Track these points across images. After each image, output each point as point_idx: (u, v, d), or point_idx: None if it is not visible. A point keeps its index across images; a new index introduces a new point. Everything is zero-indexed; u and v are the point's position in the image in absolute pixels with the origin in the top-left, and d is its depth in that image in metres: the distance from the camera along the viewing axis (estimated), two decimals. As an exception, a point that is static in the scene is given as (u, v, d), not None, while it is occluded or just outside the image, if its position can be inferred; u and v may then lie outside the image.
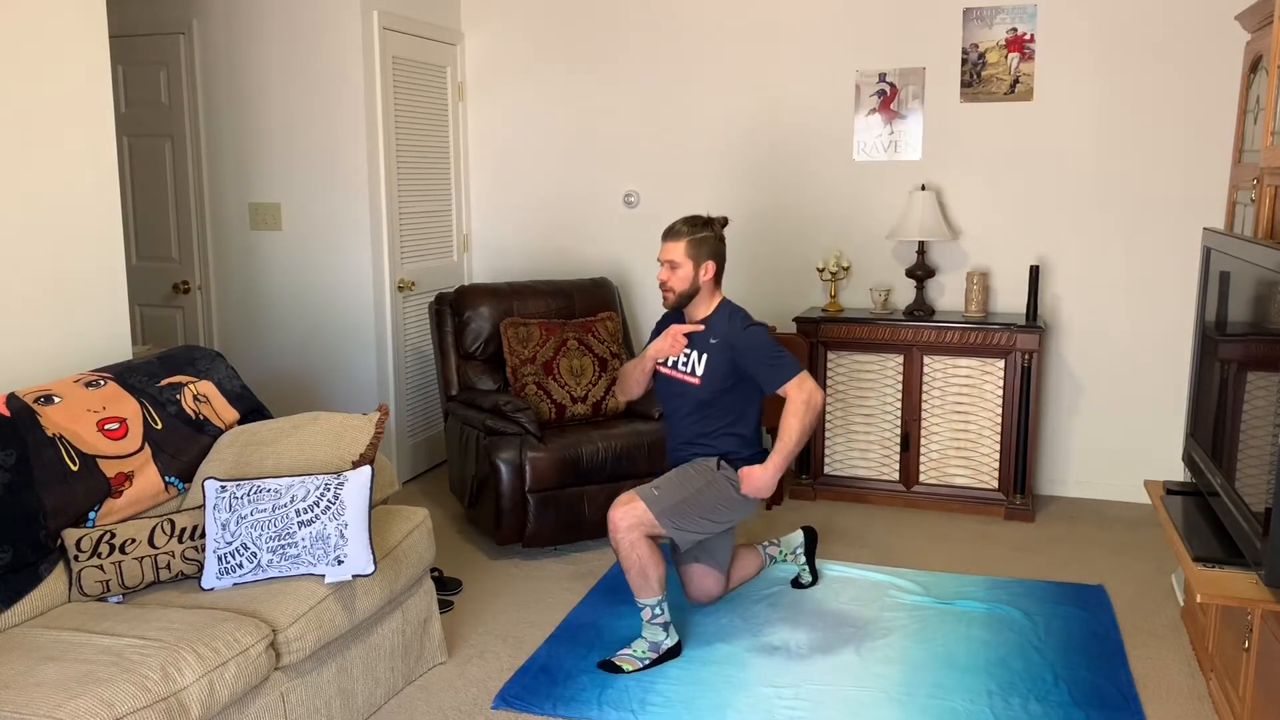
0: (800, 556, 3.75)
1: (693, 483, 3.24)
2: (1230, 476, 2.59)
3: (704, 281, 3.24)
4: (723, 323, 3.26)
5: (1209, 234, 3.04)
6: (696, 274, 3.22)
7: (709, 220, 3.26)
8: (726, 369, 3.23)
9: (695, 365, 3.28)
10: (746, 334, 3.22)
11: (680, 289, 3.24)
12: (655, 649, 3.21)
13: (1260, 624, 2.54)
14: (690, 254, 3.21)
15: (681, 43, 5.07)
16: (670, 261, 3.23)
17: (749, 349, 3.20)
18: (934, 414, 4.61)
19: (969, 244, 4.82)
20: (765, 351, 3.20)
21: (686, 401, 3.32)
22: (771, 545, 3.74)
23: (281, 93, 4.73)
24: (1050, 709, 2.93)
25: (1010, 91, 4.66)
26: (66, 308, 3.25)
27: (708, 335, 3.27)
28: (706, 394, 3.26)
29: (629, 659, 3.19)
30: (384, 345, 4.85)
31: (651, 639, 3.22)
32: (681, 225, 3.23)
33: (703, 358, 3.26)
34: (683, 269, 3.22)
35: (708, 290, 3.27)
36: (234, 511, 2.65)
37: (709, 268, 3.23)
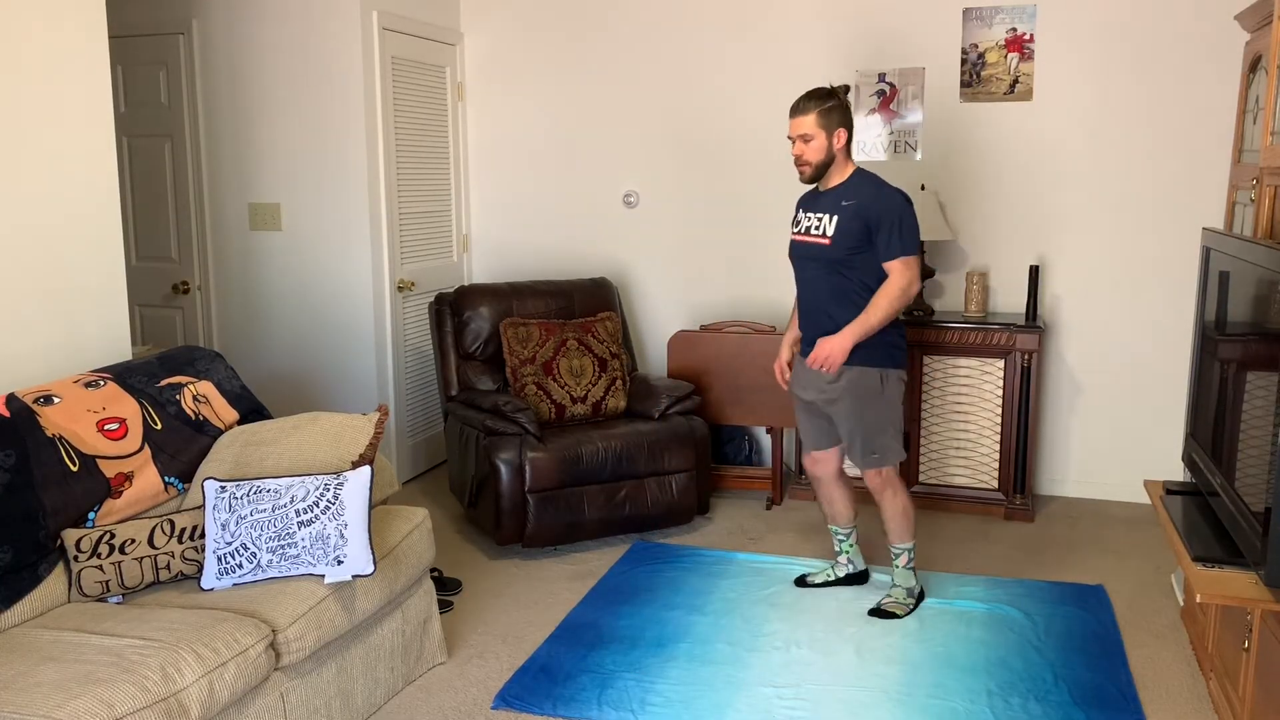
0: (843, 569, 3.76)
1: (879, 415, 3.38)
2: (1230, 476, 2.59)
3: (838, 149, 3.27)
4: (858, 186, 3.29)
5: (1208, 234, 3.04)
6: (830, 143, 3.25)
7: (833, 90, 3.29)
8: (858, 229, 3.25)
9: (826, 227, 3.29)
10: (884, 195, 3.25)
11: (816, 160, 3.28)
12: (912, 594, 3.55)
13: (1260, 624, 2.54)
14: (822, 124, 3.24)
15: (681, 43, 5.07)
16: (802, 135, 3.26)
17: (884, 211, 3.22)
18: (933, 414, 4.61)
19: (968, 244, 4.82)
20: (898, 217, 3.22)
21: (819, 264, 3.34)
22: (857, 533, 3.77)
23: (281, 93, 4.73)
24: (1050, 709, 2.93)
25: (1010, 91, 4.66)
26: (66, 308, 3.25)
27: (840, 197, 3.29)
28: (838, 253, 3.27)
29: (897, 605, 3.52)
30: (384, 345, 4.85)
31: (906, 584, 3.55)
32: (806, 99, 3.27)
33: (834, 219, 3.28)
34: (816, 140, 3.25)
35: (841, 158, 3.31)
36: (234, 512, 2.65)
37: (841, 135, 3.26)
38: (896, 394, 3.40)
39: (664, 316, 5.31)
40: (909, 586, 3.57)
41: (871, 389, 3.35)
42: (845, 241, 3.26)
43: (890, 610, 3.52)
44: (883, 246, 3.24)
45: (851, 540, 3.76)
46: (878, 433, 3.39)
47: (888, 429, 3.40)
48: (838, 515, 3.72)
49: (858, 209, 3.25)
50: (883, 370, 3.35)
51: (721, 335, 4.69)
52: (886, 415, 3.40)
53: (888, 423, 3.40)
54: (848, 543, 3.75)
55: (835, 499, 3.69)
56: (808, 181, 3.36)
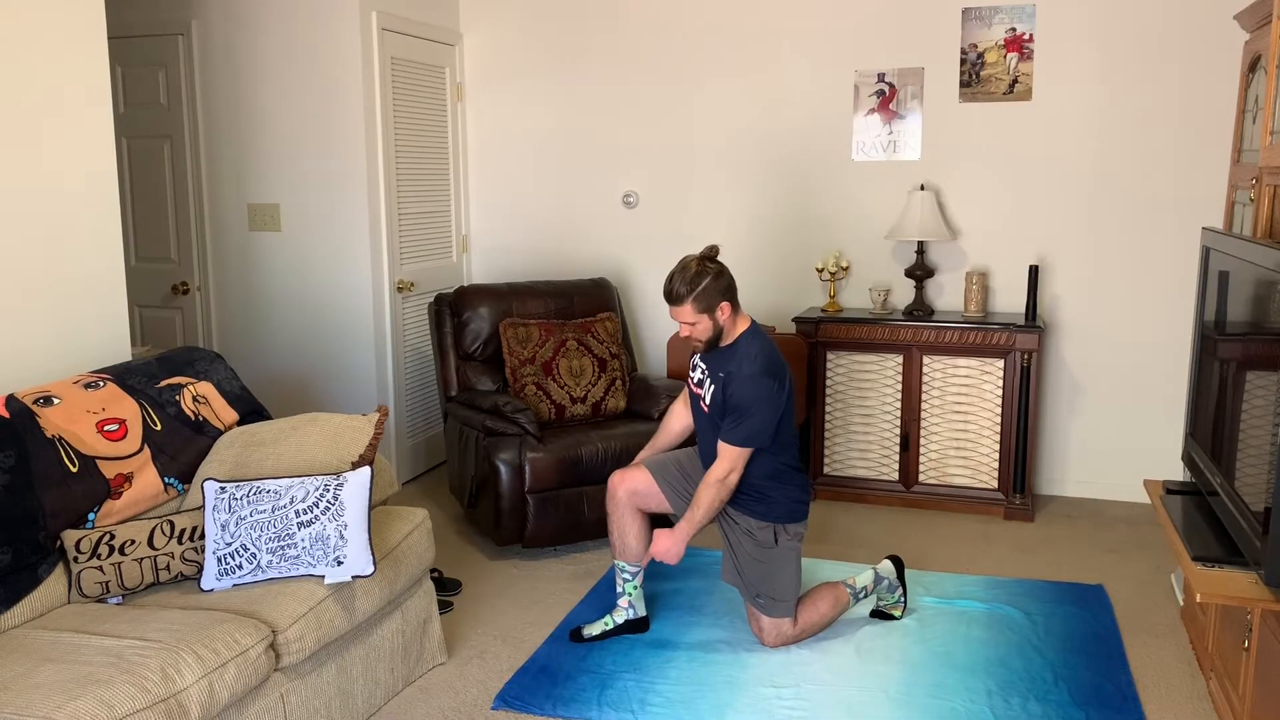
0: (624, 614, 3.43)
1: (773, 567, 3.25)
2: (1230, 476, 2.59)
3: (724, 321, 3.20)
4: (737, 357, 3.21)
5: (1208, 233, 3.04)
6: (715, 319, 3.19)
7: (701, 265, 3.15)
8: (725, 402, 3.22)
9: (707, 392, 3.28)
10: (746, 381, 3.16)
11: (706, 337, 3.21)
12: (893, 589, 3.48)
13: (1260, 623, 2.54)
14: (701, 309, 3.15)
15: (680, 43, 5.07)
16: (686, 323, 3.20)
17: (739, 392, 3.16)
18: (933, 414, 4.61)
19: (968, 244, 4.82)
20: (744, 404, 3.14)
21: (706, 423, 3.32)
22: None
23: (280, 94, 4.73)
24: (1050, 708, 2.93)
25: (1009, 91, 4.66)
26: (65, 309, 3.25)
27: (723, 363, 3.24)
28: (716, 419, 3.25)
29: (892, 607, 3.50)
30: (383, 346, 4.85)
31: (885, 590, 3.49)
32: (680, 287, 3.13)
33: (712, 387, 3.26)
34: (700, 324, 3.18)
35: (729, 324, 3.23)
36: (233, 512, 2.65)
37: (724, 309, 3.17)
38: (793, 549, 3.27)
39: (663, 317, 5.31)
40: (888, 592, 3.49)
41: (765, 543, 3.26)
42: (719, 411, 3.22)
43: (888, 612, 3.51)
44: (725, 426, 3.17)
45: (637, 582, 3.41)
46: (765, 584, 3.26)
47: (782, 583, 3.26)
48: (628, 549, 3.36)
49: (726, 382, 3.19)
50: (777, 526, 3.25)
51: (721, 335, 4.69)
52: (782, 569, 3.26)
53: (783, 576, 3.26)
54: (632, 584, 3.40)
55: (628, 530, 3.35)
56: (707, 352, 3.28)
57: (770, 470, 3.25)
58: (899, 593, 3.51)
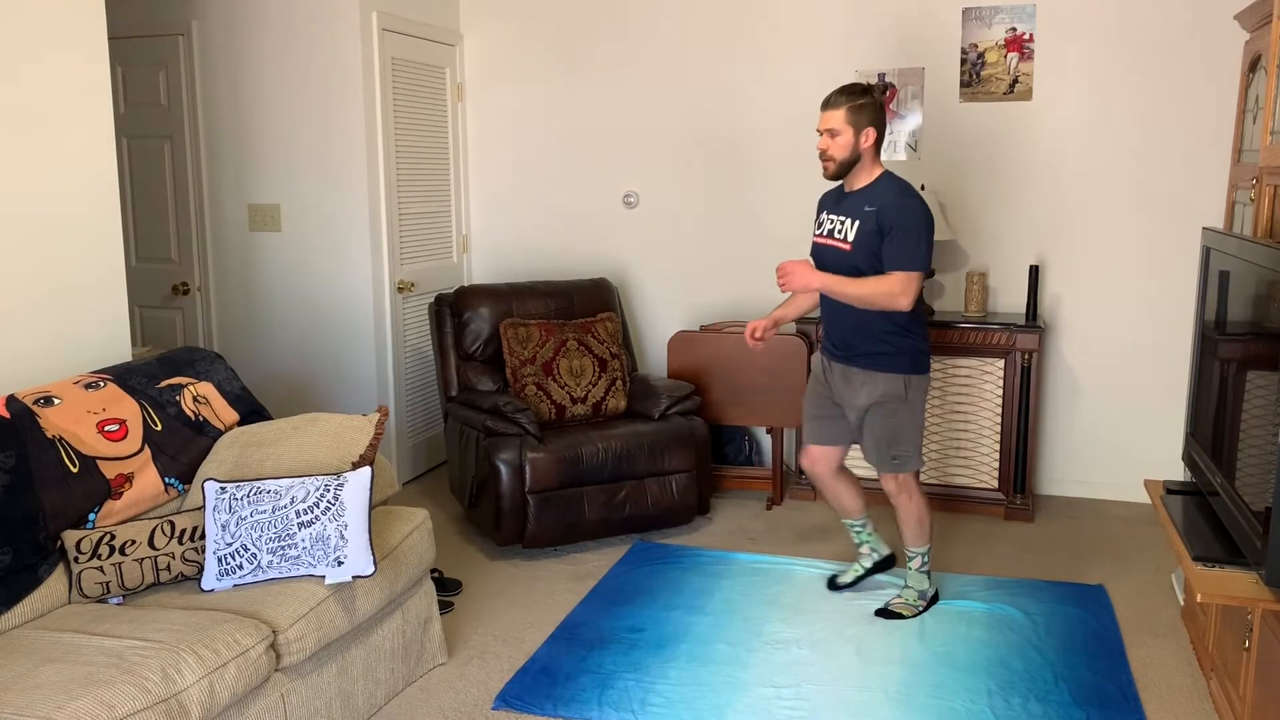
0: (869, 559, 3.74)
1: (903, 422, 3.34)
2: (1230, 476, 2.59)
3: (864, 149, 3.20)
4: (883, 191, 3.21)
5: (1208, 233, 3.04)
6: (857, 141, 3.18)
7: (868, 87, 3.22)
8: (877, 236, 3.19)
9: (848, 231, 3.24)
10: (901, 205, 3.16)
11: (841, 156, 3.20)
12: (924, 597, 3.51)
13: (1260, 623, 2.54)
14: (850, 120, 3.16)
15: (680, 43, 5.07)
16: (830, 130, 3.19)
17: (897, 220, 3.15)
18: (934, 414, 4.61)
19: (968, 244, 4.82)
20: (909, 230, 3.14)
21: (841, 268, 3.27)
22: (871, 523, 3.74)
23: (281, 94, 4.73)
24: (1050, 709, 2.93)
25: (1009, 91, 4.66)
26: (66, 309, 3.25)
27: (863, 201, 3.22)
28: (859, 259, 3.22)
29: (906, 607, 3.50)
30: (383, 346, 4.85)
31: (919, 586, 3.51)
32: (838, 94, 3.19)
33: (855, 224, 3.22)
34: (843, 136, 3.18)
35: (868, 158, 3.23)
36: (234, 513, 2.65)
37: (869, 134, 3.19)
38: (920, 400, 3.36)
39: (664, 317, 5.31)
40: (921, 589, 3.55)
41: (896, 395, 3.32)
42: (866, 247, 3.20)
43: (898, 610, 3.51)
44: (888, 254, 3.16)
45: (869, 530, 3.72)
46: (900, 439, 3.36)
47: (910, 435, 3.37)
48: (848, 509, 3.67)
49: (879, 214, 3.18)
50: (907, 377, 3.31)
51: (721, 336, 4.69)
52: (910, 422, 3.36)
53: (911, 429, 3.37)
54: (865, 532, 3.72)
55: (841, 494, 3.64)
56: (830, 178, 3.29)
57: (901, 318, 3.26)
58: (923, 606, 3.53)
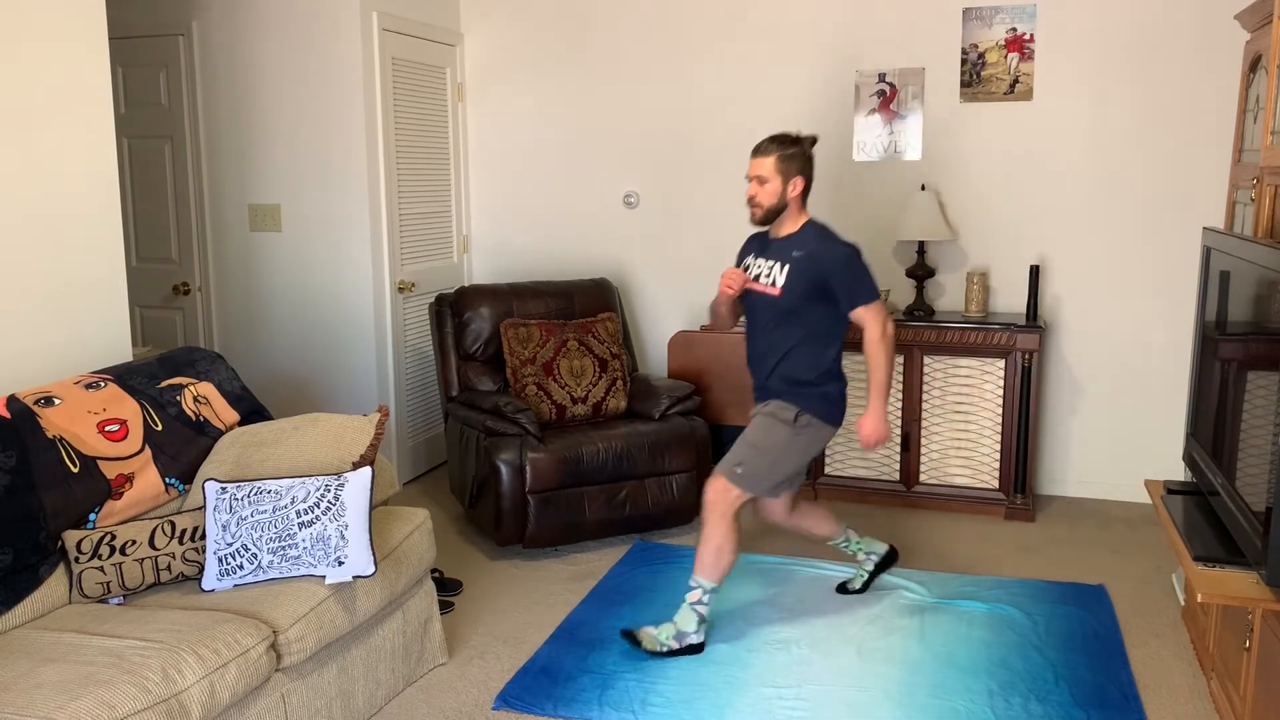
0: (869, 563, 3.72)
1: (772, 448, 3.27)
2: (1231, 476, 2.59)
3: (791, 197, 3.25)
4: (809, 238, 3.27)
5: (1209, 233, 3.04)
6: (784, 189, 3.23)
7: (798, 138, 3.27)
8: (808, 282, 3.22)
9: (776, 276, 3.27)
10: (834, 249, 3.22)
11: (768, 204, 3.25)
12: (680, 639, 3.25)
13: (1261, 624, 2.54)
14: (779, 169, 3.22)
15: (681, 43, 5.07)
16: (759, 177, 3.24)
17: (836, 263, 3.20)
18: (934, 414, 4.61)
19: (969, 244, 4.82)
20: (850, 269, 3.20)
21: (769, 313, 3.31)
22: (854, 532, 3.73)
23: (281, 94, 4.73)
24: (1051, 709, 2.93)
25: (1010, 91, 4.66)
26: (66, 309, 3.26)
27: (791, 247, 3.27)
28: (787, 304, 3.25)
29: (651, 639, 3.25)
30: (384, 346, 4.85)
31: (682, 626, 3.25)
32: (770, 142, 3.25)
33: (784, 269, 3.26)
34: (771, 184, 3.23)
35: (795, 206, 3.28)
36: (234, 513, 2.65)
37: (797, 183, 3.24)
38: (803, 442, 3.27)
39: (664, 317, 5.31)
40: (684, 630, 3.23)
41: (783, 418, 3.26)
42: (795, 291, 3.23)
43: (639, 639, 3.25)
44: (845, 297, 3.21)
45: (855, 538, 3.70)
46: (757, 455, 3.24)
47: (768, 459, 3.25)
48: (823, 535, 3.65)
49: (808, 259, 3.22)
50: (800, 411, 3.26)
51: (721, 336, 4.69)
52: (779, 450, 3.26)
53: (774, 456, 3.25)
54: (853, 543, 3.70)
55: (809, 526, 3.61)
56: (757, 223, 3.32)
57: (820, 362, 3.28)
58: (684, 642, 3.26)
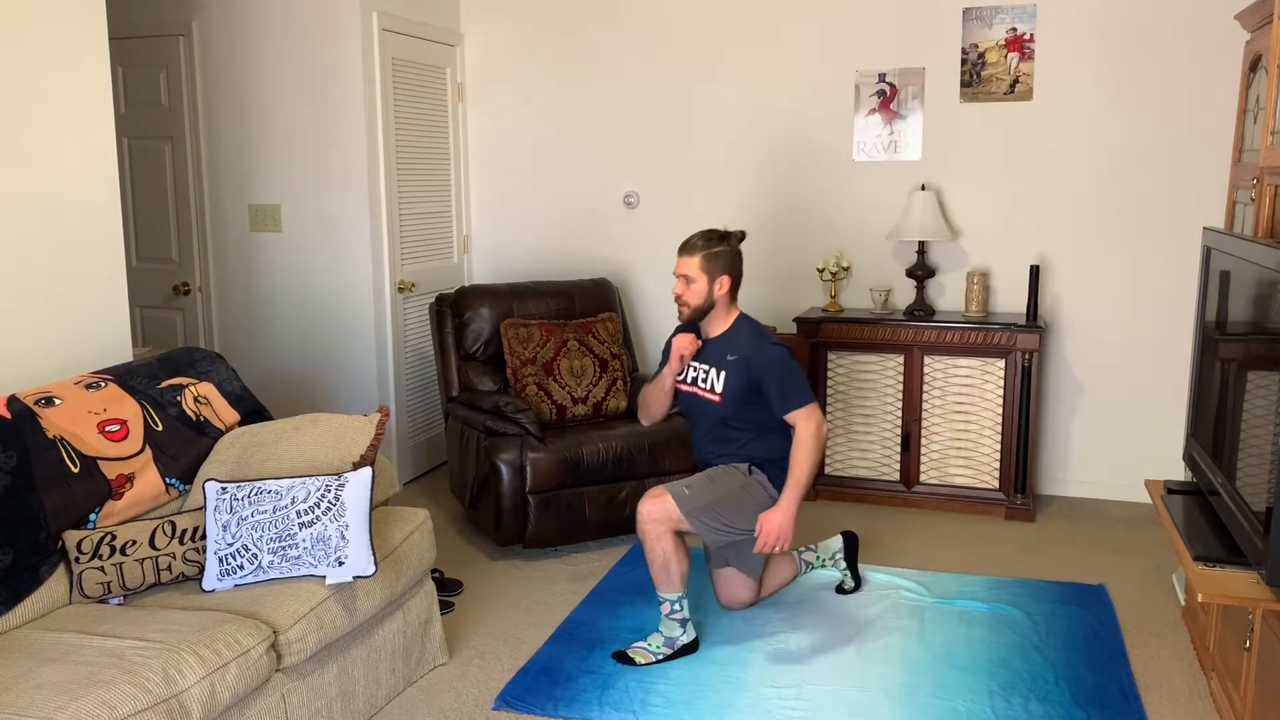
0: (840, 561, 3.71)
1: (724, 485, 3.25)
2: (1231, 476, 2.59)
3: (719, 296, 3.23)
4: (740, 339, 3.26)
5: (1209, 233, 3.04)
6: (711, 289, 3.22)
7: (725, 235, 3.24)
8: (744, 386, 3.23)
9: (715, 382, 3.27)
10: (764, 352, 3.21)
11: (695, 303, 3.23)
12: (670, 644, 3.24)
13: (1261, 623, 2.54)
14: (705, 269, 3.20)
15: (681, 43, 5.07)
16: (685, 276, 3.22)
17: (766, 367, 3.20)
18: (934, 414, 4.61)
19: (969, 244, 4.82)
20: (782, 372, 3.19)
21: (709, 418, 3.32)
22: (808, 551, 3.70)
23: (281, 94, 4.73)
24: (1051, 709, 2.93)
25: (1010, 91, 4.66)
26: (67, 310, 3.26)
27: (725, 351, 3.26)
28: (727, 410, 3.25)
29: (643, 651, 3.23)
30: (384, 346, 4.85)
31: (668, 634, 3.25)
32: (697, 239, 3.22)
33: (721, 374, 3.26)
34: (697, 284, 3.21)
35: (723, 305, 3.26)
36: (235, 513, 2.65)
37: (724, 282, 3.22)
38: (755, 493, 3.26)
39: (664, 317, 5.31)
40: (671, 636, 3.25)
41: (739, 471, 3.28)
42: (734, 398, 3.23)
43: (632, 656, 3.22)
44: (777, 402, 3.19)
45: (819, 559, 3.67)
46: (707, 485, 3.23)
47: (717, 496, 3.21)
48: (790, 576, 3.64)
49: (742, 363, 3.21)
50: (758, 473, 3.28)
51: (722, 336, 4.69)
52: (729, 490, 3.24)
53: (723, 494, 3.22)
54: (819, 562, 3.68)
55: (776, 584, 3.60)
56: (685, 321, 3.30)
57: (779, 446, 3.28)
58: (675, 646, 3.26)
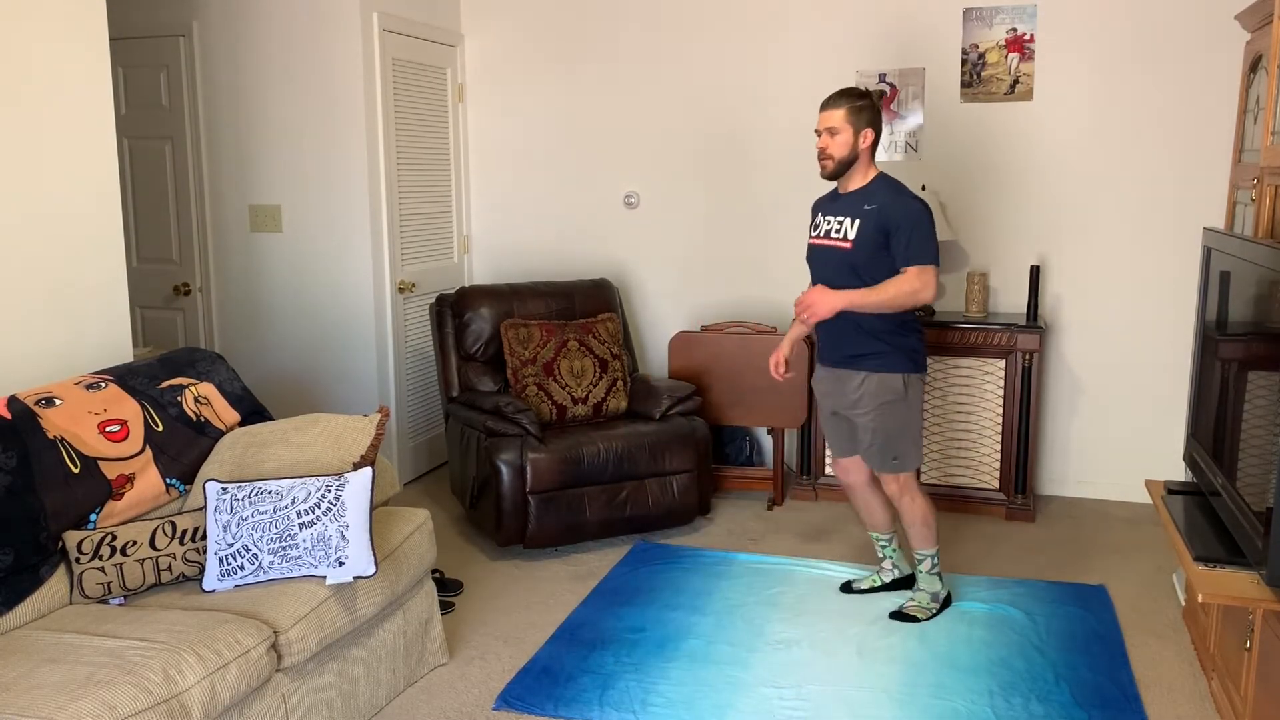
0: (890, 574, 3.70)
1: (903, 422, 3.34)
2: (1231, 476, 2.59)
3: (863, 149, 3.26)
4: (880, 191, 3.27)
5: (1209, 234, 3.04)
6: (856, 141, 3.24)
7: (867, 91, 3.28)
8: (877, 233, 3.23)
9: (848, 230, 3.27)
10: (904, 204, 3.22)
11: (840, 155, 3.25)
12: (936, 599, 3.51)
13: (1261, 624, 2.54)
14: (850, 120, 3.23)
15: (681, 43, 5.07)
16: (830, 129, 3.24)
17: (902, 216, 3.19)
18: (934, 414, 4.61)
19: (969, 244, 4.82)
20: (915, 225, 3.19)
21: (839, 267, 3.31)
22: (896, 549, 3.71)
23: (281, 95, 4.73)
24: (1052, 709, 2.93)
25: (1010, 92, 4.66)
26: (67, 310, 3.26)
27: (862, 201, 3.27)
28: (859, 257, 3.25)
29: (919, 609, 3.49)
30: (384, 347, 4.85)
31: (931, 589, 3.51)
32: (839, 96, 3.26)
33: (855, 223, 3.26)
34: (842, 134, 3.23)
35: (865, 159, 3.28)
36: (235, 513, 2.65)
37: (867, 135, 3.25)
38: (918, 399, 3.36)
39: (664, 317, 5.31)
40: (934, 591, 3.52)
41: (894, 393, 3.31)
42: (867, 245, 3.24)
43: (911, 614, 3.49)
44: (899, 251, 3.20)
45: (894, 545, 3.70)
46: (898, 438, 3.35)
47: (909, 435, 3.37)
48: (876, 522, 3.67)
49: (879, 212, 3.23)
50: (905, 375, 3.32)
51: (722, 336, 4.70)
52: (909, 420, 3.35)
53: (910, 428, 3.36)
54: (890, 548, 3.70)
55: (872, 506, 3.63)
56: (828, 177, 3.33)
57: (896, 317, 3.29)
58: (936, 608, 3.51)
